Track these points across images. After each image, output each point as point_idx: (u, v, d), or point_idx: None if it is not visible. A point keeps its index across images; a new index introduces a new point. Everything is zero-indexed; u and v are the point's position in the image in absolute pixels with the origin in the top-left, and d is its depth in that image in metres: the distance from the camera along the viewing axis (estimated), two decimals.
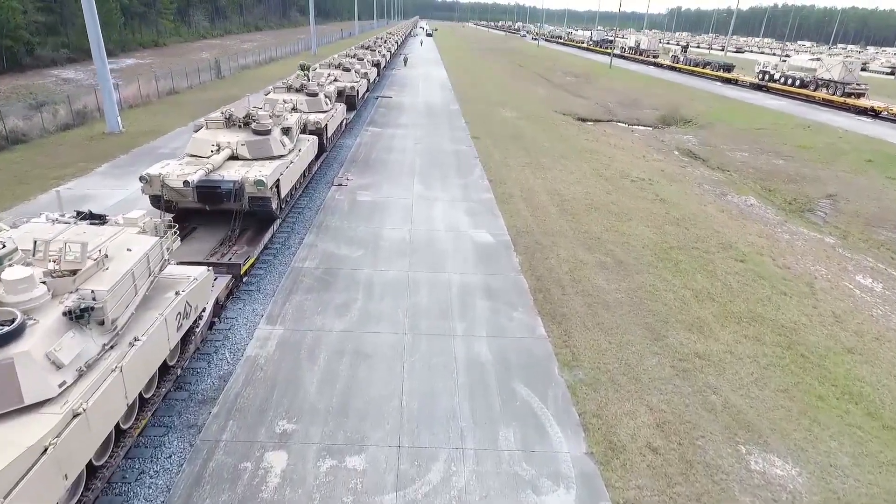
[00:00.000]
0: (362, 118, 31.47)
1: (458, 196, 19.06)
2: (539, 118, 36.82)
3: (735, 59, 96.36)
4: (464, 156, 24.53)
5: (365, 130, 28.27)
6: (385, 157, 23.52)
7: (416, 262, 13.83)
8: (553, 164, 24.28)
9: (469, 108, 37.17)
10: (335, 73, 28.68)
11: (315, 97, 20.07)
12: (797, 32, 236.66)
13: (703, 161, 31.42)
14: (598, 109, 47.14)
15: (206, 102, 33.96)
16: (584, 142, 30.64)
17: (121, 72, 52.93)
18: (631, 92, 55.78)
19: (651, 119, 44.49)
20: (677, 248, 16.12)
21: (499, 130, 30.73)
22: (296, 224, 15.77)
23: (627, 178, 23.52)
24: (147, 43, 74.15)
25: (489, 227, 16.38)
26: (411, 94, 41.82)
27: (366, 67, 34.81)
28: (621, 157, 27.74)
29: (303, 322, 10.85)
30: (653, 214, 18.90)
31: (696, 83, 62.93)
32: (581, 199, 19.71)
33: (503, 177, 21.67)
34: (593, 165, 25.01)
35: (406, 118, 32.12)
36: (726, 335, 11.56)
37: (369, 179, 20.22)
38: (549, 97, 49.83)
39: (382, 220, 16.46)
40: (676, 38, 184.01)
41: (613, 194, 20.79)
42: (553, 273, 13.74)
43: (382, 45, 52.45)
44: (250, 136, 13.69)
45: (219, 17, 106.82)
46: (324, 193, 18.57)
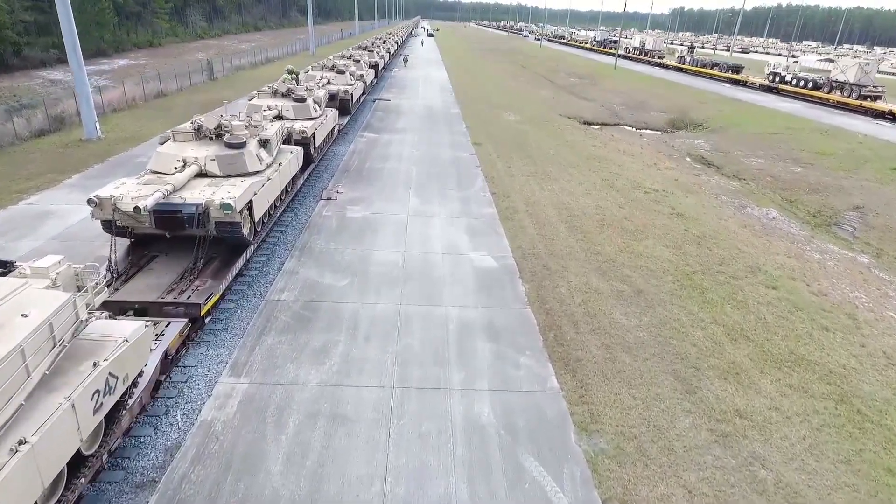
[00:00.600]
0: (357, 123, 29.87)
1: (458, 211, 17.44)
2: (543, 122, 35.19)
3: (740, 59, 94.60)
4: (464, 164, 22.92)
5: (360, 136, 26.66)
6: (380, 166, 21.91)
7: (409, 292, 12.22)
8: (560, 174, 22.65)
9: (470, 111, 35.55)
10: (328, 75, 27.08)
11: (302, 103, 18.47)
12: (802, 32, 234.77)
13: (717, 168, 29.78)
14: (604, 112, 45.51)
15: (194, 106, 32.38)
16: (592, 148, 29.00)
17: (112, 72, 51.40)
18: (637, 94, 54.13)
19: (659, 123, 42.85)
20: (701, 272, 14.48)
21: (501, 136, 29.11)
22: (276, 246, 14.16)
23: (640, 188, 21.88)
24: (142, 43, 72.61)
25: (491, 249, 14.76)
26: (410, 96, 40.21)
27: (362, 69, 33.21)
28: (631, 165, 26.10)
29: (273, 373, 9.24)
30: (670, 231, 17.26)
31: (704, 85, 61.23)
32: (592, 214, 18.07)
33: (507, 188, 20.05)
34: (603, 175, 23.37)
35: (404, 122, 30.51)
36: (768, 385, 9.93)
37: (361, 192, 18.61)
38: (552, 99, 48.22)
39: (373, 240, 14.84)
40: (680, 39, 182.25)
41: (626, 208, 19.15)
42: (564, 305, 12.12)
43: (381, 46, 50.83)
44: (222, 149, 12.09)
45: (217, 17, 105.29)
46: (310, 208, 16.97)
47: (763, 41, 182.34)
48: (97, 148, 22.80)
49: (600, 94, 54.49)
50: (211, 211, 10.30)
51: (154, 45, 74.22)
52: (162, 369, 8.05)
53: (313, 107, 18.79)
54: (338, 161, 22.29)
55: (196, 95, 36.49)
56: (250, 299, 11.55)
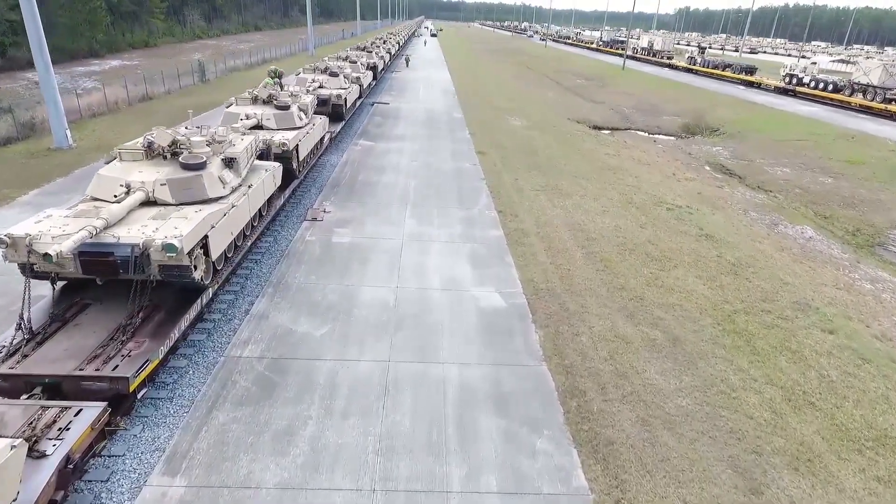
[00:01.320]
0: (353, 129, 27.84)
1: (460, 234, 15.37)
2: (551, 127, 33.10)
3: (750, 60, 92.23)
4: (467, 177, 20.85)
5: (354, 145, 24.62)
6: (374, 179, 19.86)
7: (399, 343, 10.16)
8: (573, 188, 20.56)
9: (474, 115, 33.48)
10: (321, 78, 25.05)
11: (286, 111, 16.42)
12: (809, 33, 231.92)
13: (740, 179, 27.65)
14: (615, 116, 43.40)
15: (180, 110, 30.41)
16: (605, 157, 26.90)
17: (102, 74, 49.45)
18: (647, 96, 51.98)
19: (673, 127, 40.71)
20: (743, 311, 12.39)
21: (508, 143, 27.04)
22: (247, 280, 12.13)
23: (662, 204, 19.78)
24: (137, 43, 70.74)
25: (499, 283, 12.69)
26: (411, 99, 38.17)
27: (359, 71, 31.18)
28: (649, 177, 23.99)
29: (220, 468, 7.20)
30: (702, 258, 15.16)
31: (717, 86, 58.99)
32: (611, 237, 15.98)
33: (514, 206, 17.97)
34: (619, 188, 21.27)
35: (403, 129, 28.46)
36: (850, 478, 7.85)
37: (351, 211, 16.56)
38: (560, 102, 46.12)
39: (362, 272, 12.79)
40: (686, 39, 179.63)
41: (649, 229, 17.06)
42: (588, 360, 10.05)
43: (381, 47, 48.79)
44: (176, 171, 10.06)
45: (217, 17, 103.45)
46: (292, 232, 14.92)
47: (771, 41, 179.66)
48: (66, 158, 20.82)
49: (609, 96, 52.36)
50: (151, 253, 8.27)
51: (150, 45, 72.35)
52: (59, 484, 6.00)
53: (298, 115, 16.74)
54: (328, 173, 20.26)
55: (184, 99, 34.52)
56: (207, 354, 9.51)
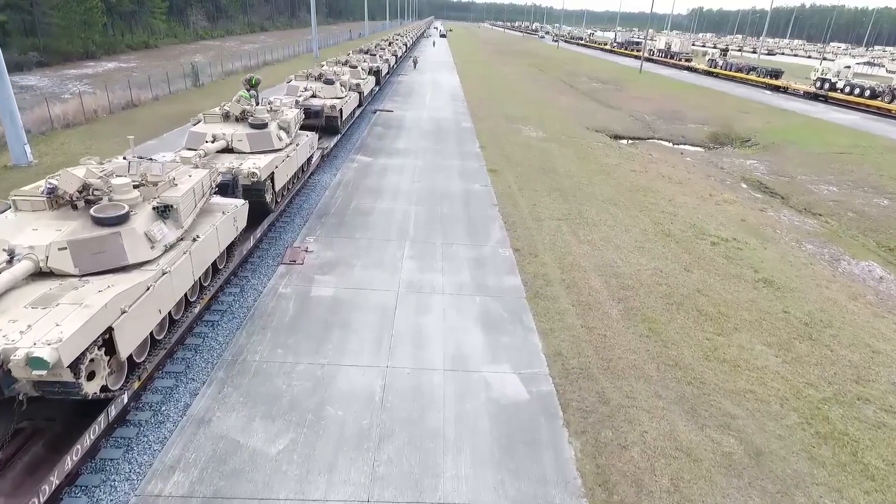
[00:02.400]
0: (351, 142, 25.18)
1: (469, 283, 12.63)
2: (569, 138, 30.27)
3: (770, 62, 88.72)
4: (478, 202, 18.11)
5: (350, 161, 21.95)
6: (369, 205, 17.16)
7: (384, 468, 7.43)
8: (600, 215, 17.75)
9: (484, 125, 30.73)
10: (314, 86, 22.41)
11: (261, 129, 13.74)
12: (827, 33, 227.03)
13: (783, 199, 24.70)
14: (635, 124, 40.47)
15: (164, 118, 27.99)
16: (632, 174, 24.04)
17: (94, 77, 47.12)
18: (668, 101, 48.99)
19: (700, 137, 37.74)
20: (834, 399, 9.56)
21: (522, 158, 24.26)
22: (196, 356, 9.44)
23: (704, 236, 16.93)
24: (137, 44, 68.54)
25: (518, 358, 9.93)
26: (416, 106, 35.47)
27: (359, 77, 28.52)
28: (683, 199, 21.13)
29: None
30: (766, 315, 12.32)
31: (741, 91, 55.85)
32: (652, 285, 13.18)
33: (533, 241, 15.20)
34: (653, 215, 18.44)
35: (406, 141, 25.76)
36: None
37: (339, 250, 13.85)
38: (576, 108, 43.25)
39: (343, 343, 10.06)
40: (701, 40, 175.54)
41: (695, 271, 14.23)
42: (644, 489, 7.28)
43: (386, 49, 46.12)
44: (85, 227, 7.40)
45: (222, 17, 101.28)
46: (264, 279, 12.24)
47: (788, 42, 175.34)
48: (20, 178, 18.27)
49: (627, 101, 49.42)
50: (12, 368, 5.60)
51: (150, 46, 70.19)
52: None
53: (277, 135, 14.05)
54: (317, 198, 17.58)
55: (171, 105, 32.05)
56: (117, 486, 6.84)
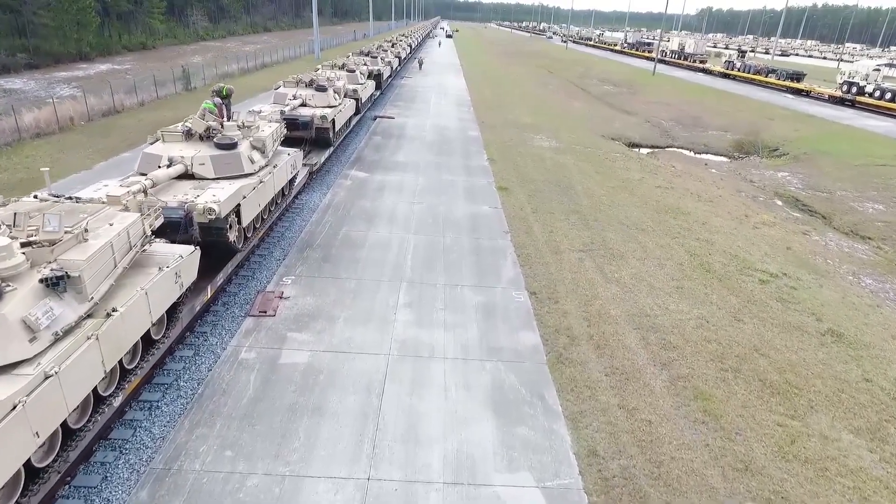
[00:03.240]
0: (346, 153, 22.93)
1: (476, 342, 10.32)
2: (585, 148, 27.90)
3: (784, 63, 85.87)
4: (486, 229, 15.80)
5: (343, 177, 19.68)
6: (361, 235, 14.88)
7: None
8: (626, 245, 15.40)
9: (493, 134, 28.41)
10: (304, 93, 20.13)
11: (230, 150, 11.47)
12: (840, 33, 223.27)
13: (825, 219, 22.26)
14: (653, 131, 38.05)
15: (147, 127, 25.72)
16: (656, 191, 21.64)
17: (85, 80, 45.06)
18: (686, 106, 46.52)
19: (723, 145, 35.29)
20: None
21: (535, 173, 21.93)
22: (113, 468, 7.15)
23: (750, 271, 14.55)
24: (134, 45, 66.57)
25: (540, 462, 7.61)
26: (420, 112, 33.19)
27: (357, 82, 26.25)
28: (718, 223, 18.73)
29: None
30: (843, 386, 9.94)
31: (761, 95, 53.24)
32: (698, 342, 10.83)
33: (553, 281, 12.88)
34: (687, 243, 16.06)
35: (406, 153, 23.47)
36: None
37: (320, 296, 11.57)
38: (589, 114, 40.85)
39: (311, 440, 7.75)
40: (712, 41, 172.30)
41: (747, 321, 11.86)
42: None
43: (389, 51, 43.84)
44: None
45: (224, 18, 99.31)
46: (225, 338, 9.97)
47: (801, 43, 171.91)
48: None
49: (643, 105, 46.98)
50: None
51: (147, 47, 68.23)
52: None
53: (249, 156, 11.77)
54: (301, 224, 15.32)
55: (157, 112, 29.90)
56: None
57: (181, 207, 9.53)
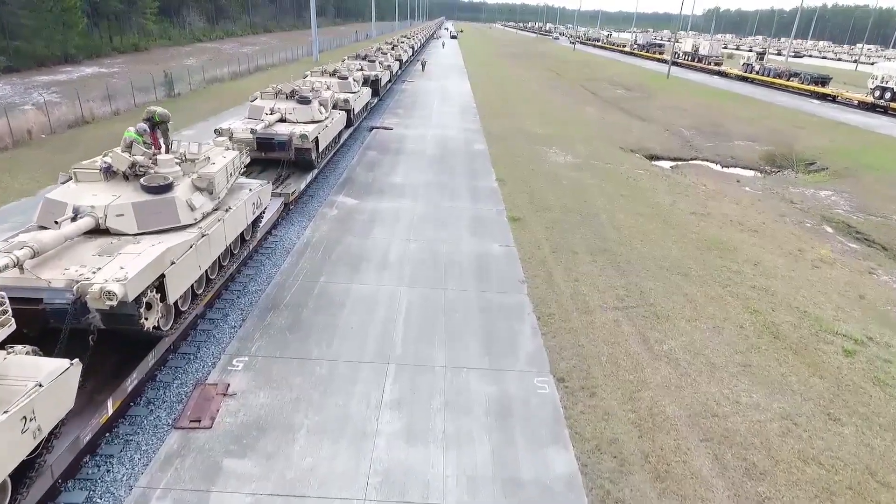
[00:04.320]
0: (336, 173, 20.12)
1: (486, 467, 7.42)
2: (604, 164, 24.96)
3: (799, 65, 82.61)
4: (498, 277, 12.91)
5: (328, 205, 16.83)
6: (342, 289, 12.00)
7: None
8: (670, 299, 12.47)
9: (501, 147, 25.52)
10: (284, 107, 17.25)
11: (162, 195, 8.63)
12: (852, 34, 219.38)
13: (886, 250, 19.27)
14: (673, 140, 35.07)
15: (112, 140, 23.03)
16: (692, 219, 18.70)
17: (66, 84, 42.31)
18: (706, 112, 43.51)
19: (751, 158, 32.27)
20: None
21: (551, 197, 19.04)
22: None
23: (827, 336, 11.61)
24: (126, 47, 63.95)
25: None
26: (421, 121, 30.34)
27: (349, 90, 23.39)
28: (771, 262, 15.76)
29: None
30: None
31: (783, 100, 50.18)
32: (789, 462, 7.91)
33: (584, 358, 9.97)
34: (741, 293, 13.13)
35: (404, 172, 20.61)
36: None
37: (278, 390, 8.69)
38: (603, 121, 37.88)
39: None
40: (722, 41, 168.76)
41: (846, 422, 8.93)
42: None
43: (389, 53, 40.97)
44: None
45: (222, 18, 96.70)
46: (136, 468, 7.12)
47: (814, 44, 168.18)
48: None
49: (659, 111, 43.99)
50: None
51: (140, 49, 65.61)
52: None
53: (188, 201, 8.89)
54: (270, 270, 12.47)
55: (132, 122, 27.08)
56: None
57: (69, 288, 6.68)
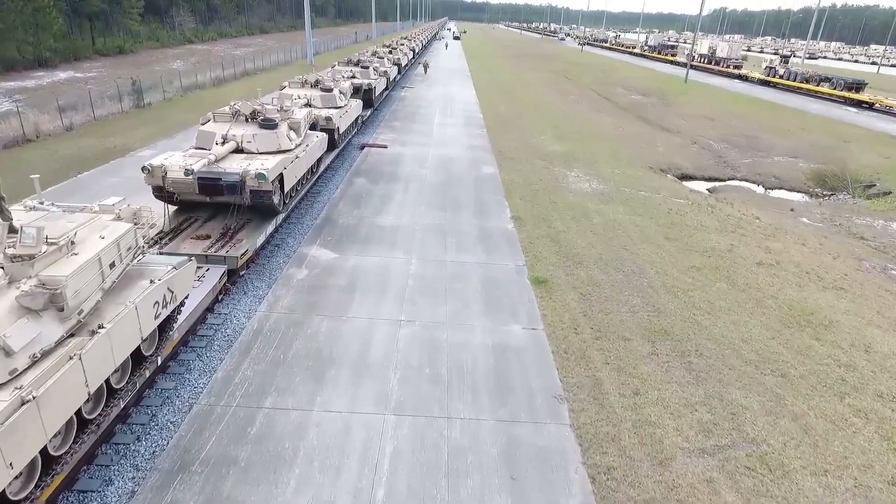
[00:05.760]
0: (313, 210, 16.28)
1: None
2: (636, 192, 21.05)
3: (816, 67, 78.38)
4: (524, 390, 9.02)
5: (296, 262, 12.95)
6: (296, 421, 8.12)
7: None
8: (774, 427, 8.58)
9: (514, 171, 21.65)
10: (242, 132, 13.32)
11: None
12: (863, 35, 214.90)
13: None
14: (704, 156, 31.16)
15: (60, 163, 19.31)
16: (761, 272, 14.77)
17: (35, 92, 38.49)
18: (734, 121, 39.59)
19: (797, 177, 28.35)
20: None
21: (582, 244, 15.14)
22: None
23: None
24: (109, 49, 60.24)
25: None
26: (420, 137, 26.50)
27: (334, 104, 19.54)
28: (880, 338, 11.85)
29: None
30: None
31: (815, 106, 46.22)
32: None
33: None
34: (870, 410, 9.23)
35: (398, 209, 16.76)
36: None
37: None
38: (623, 133, 33.95)
39: None
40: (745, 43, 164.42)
41: None
42: None
43: (386, 58, 37.06)
44: None
45: (216, 18, 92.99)
46: None
47: (825, 45, 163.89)
48: None
49: (681, 120, 40.09)
50: None
51: (124, 51, 61.87)
52: None
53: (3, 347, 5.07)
54: (193, 389, 8.62)
55: (85, 139, 23.37)
56: None
57: None
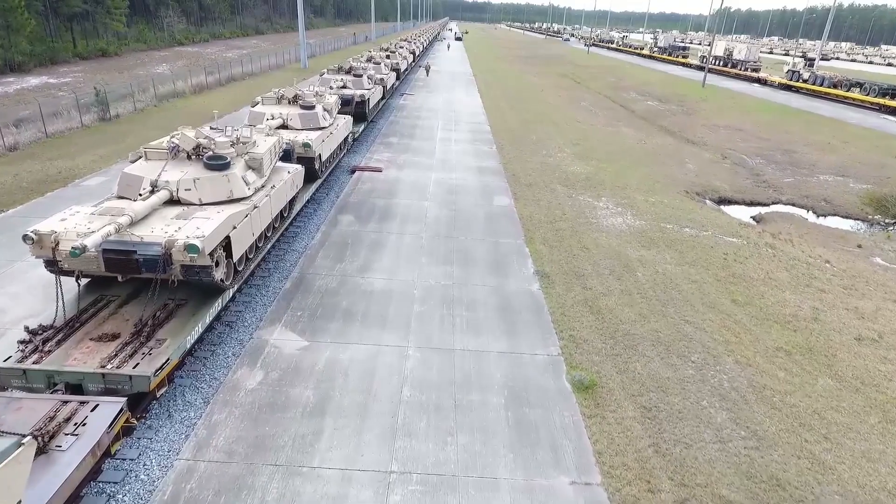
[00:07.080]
0: (283, 269, 12.78)
1: None
2: (680, 229, 17.49)
3: (831, 68, 74.82)
4: None
5: (248, 362, 9.46)
6: None
7: None
8: None
9: (533, 203, 18.12)
10: (178, 175, 9.82)
11: None
12: (871, 35, 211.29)
13: None
14: (739, 174, 27.67)
15: None
16: (867, 356, 11.24)
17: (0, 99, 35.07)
18: (766, 132, 36.06)
19: (851, 201, 24.78)
20: None
21: (630, 314, 11.63)
22: None
23: None
24: (91, 52, 56.78)
25: None
26: (421, 157, 22.99)
27: (316, 125, 16.05)
28: None
29: None
30: None
31: (851, 115, 42.67)
32: None
33: None
34: None
35: (391, 265, 13.23)
36: None
37: None
38: (648, 148, 30.40)
39: None
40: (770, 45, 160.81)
41: None
42: None
43: (383, 63, 33.48)
44: None
45: (208, 19, 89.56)
46: None
47: (835, 45, 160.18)
48: None
49: (707, 131, 36.56)
50: None
51: (108, 54, 58.41)
52: None
53: None
54: None
55: (27, 163, 19.88)
56: None
57: None
